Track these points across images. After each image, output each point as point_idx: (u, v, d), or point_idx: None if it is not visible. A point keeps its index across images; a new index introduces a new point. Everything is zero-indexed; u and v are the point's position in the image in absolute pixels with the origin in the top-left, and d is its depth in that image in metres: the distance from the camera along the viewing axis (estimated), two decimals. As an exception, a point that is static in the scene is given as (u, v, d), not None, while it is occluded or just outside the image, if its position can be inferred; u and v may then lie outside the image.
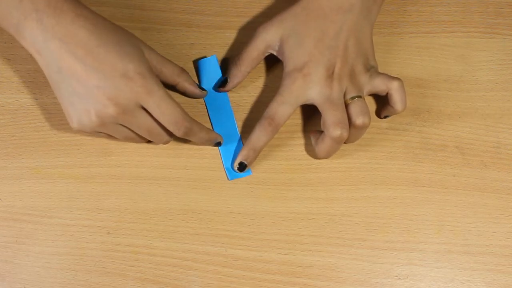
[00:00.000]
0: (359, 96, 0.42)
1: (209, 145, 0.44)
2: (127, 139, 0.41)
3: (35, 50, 0.38)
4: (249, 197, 0.44)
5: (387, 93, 0.43)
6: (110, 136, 0.41)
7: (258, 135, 0.43)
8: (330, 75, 0.41)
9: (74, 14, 0.37)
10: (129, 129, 0.40)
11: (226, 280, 0.42)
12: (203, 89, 0.45)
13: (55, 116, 0.45)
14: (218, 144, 0.44)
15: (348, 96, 0.42)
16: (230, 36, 0.48)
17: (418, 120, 0.46)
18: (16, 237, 0.43)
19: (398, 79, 0.43)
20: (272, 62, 0.47)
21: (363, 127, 0.42)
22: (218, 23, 0.48)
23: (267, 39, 0.44)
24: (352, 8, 0.42)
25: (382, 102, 0.45)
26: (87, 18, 0.38)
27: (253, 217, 0.44)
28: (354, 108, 0.41)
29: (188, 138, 0.41)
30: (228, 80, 0.45)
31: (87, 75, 0.37)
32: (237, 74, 0.45)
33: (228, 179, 0.44)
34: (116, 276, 0.42)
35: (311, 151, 0.45)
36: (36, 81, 0.46)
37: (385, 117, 0.45)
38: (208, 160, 0.45)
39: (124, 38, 0.39)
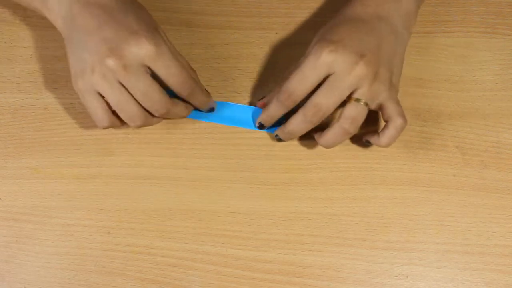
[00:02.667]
0: (366, 104, 0.40)
1: (204, 109, 0.44)
2: (119, 104, 0.38)
3: (58, 14, 0.39)
4: (249, 197, 0.44)
5: (385, 120, 0.41)
6: (102, 105, 0.39)
7: (274, 108, 0.42)
8: (356, 60, 0.39)
9: None
10: (126, 90, 0.38)
11: (226, 280, 0.42)
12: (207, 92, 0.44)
13: (55, 116, 0.45)
14: (211, 109, 0.44)
15: (356, 96, 0.39)
16: (230, 36, 0.48)
17: (418, 120, 0.46)
18: (16, 237, 0.43)
19: (405, 119, 0.41)
20: (273, 62, 0.47)
21: (346, 134, 0.40)
22: (218, 23, 0.48)
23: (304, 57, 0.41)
24: (388, 20, 0.41)
25: (370, 125, 0.45)
26: None
27: (253, 217, 0.44)
28: (352, 111, 0.40)
29: (190, 99, 0.41)
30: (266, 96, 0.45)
31: (99, 28, 0.37)
32: (277, 107, 0.42)
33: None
34: (116, 276, 0.42)
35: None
36: (36, 81, 0.46)
37: (366, 142, 0.43)
38: (208, 160, 0.45)
39: (145, 12, 0.40)
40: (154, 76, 0.39)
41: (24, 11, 0.48)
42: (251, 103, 0.46)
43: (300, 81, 0.39)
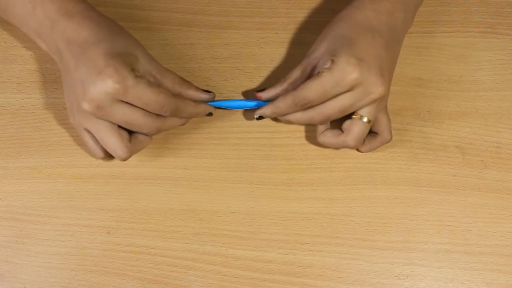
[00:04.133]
0: (369, 121, 0.41)
1: (201, 116, 0.43)
2: (102, 139, 0.40)
3: (51, 51, 0.41)
4: (249, 197, 0.44)
5: (373, 132, 0.44)
6: (93, 139, 0.41)
7: (285, 107, 0.42)
8: (377, 85, 0.40)
9: (81, 16, 0.40)
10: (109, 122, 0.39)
11: (226, 280, 0.42)
12: (209, 91, 0.43)
13: (55, 116, 0.45)
14: (210, 114, 0.43)
15: (363, 113, 0.41)
16: (230, 36, 0.48)
17: (418, 120, 0.46)
18: (17, 236, 0.43)
19: (392, 135, 0.43)
20: (273, 62, 0.47)
21: (346, 146, 0.42)
22: (218, 23, 0.48)
23: (313, 57, 0.42)
24: (394, 29, 0.42)
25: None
26: (92, 20, 0.40)
27: (253, 217, 0.44)
28: (359, 130, 0.41)
29: (177, 116, 0.41)
30: (267, 88, 0.44)
31: (76, 69, 0.38)
32: (276, 88, 0.43)
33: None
34: (116, 276, 0.42)
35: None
36: (36, 81, 0.46)
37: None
38: (208, 160, 0.45)
39: (121, 39, 0.40)
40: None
41: (24, 11, 0.48)
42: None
43: (321, 95, 0.40)
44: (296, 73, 0.43)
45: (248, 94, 0.47)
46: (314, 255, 0.43)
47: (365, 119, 0.41)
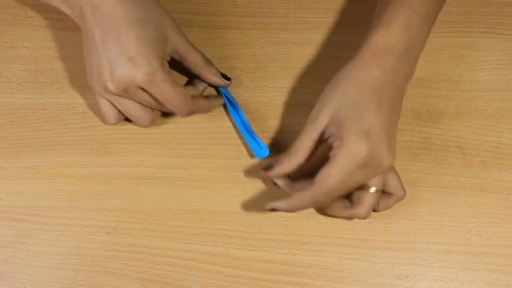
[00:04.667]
0: (377, 191, 0.40)
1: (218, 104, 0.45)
2: (126, 112, 0.42)
3: (74, 15, 0.40)
4: (249, 197, 0.44)
5: (388, 192, 0.42)
6: (110, 107, 0.42)
7: (304, 203, 0.39)
8: (386, 159, 0.38)
9: None
10: (131, 100, 0.41)
11: (226, 280, 0.42)
12: (227, 77, 0.45)
13: (55, 116, 0.45)
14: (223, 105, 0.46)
15: (372, 184, 0.39)
16: (230, 36, 0.48)
17: (418, 120, 0.46)
18: (17, 237, 0.43)
19: (405, 190, 0.42)
20: (273, 62, 0.47)
21: (356, 218, 0.41)
22: (218, 23, 0.48)
23: (318, 126, 0.38)
24: (399, 87, 0.39)
25: None
26: None
27: (253, 217, 0.44)
28: (370, 200, 0.39)
29: (192, 114, 0.43)
30: (275, 165, 0.40)
31: (103, 44, 0.38)
32: (285, 163, 0.39)
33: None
34: (116, 276, 0.42)
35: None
36: (36, 81, 0.46)
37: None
38: (208, 160, 0.45)
39: (152, 18, 0.39)
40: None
41: (24, 11, 0.48)
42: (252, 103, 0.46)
43: (343, 181, 0.37)
44: (306, 144, 0.38)
45: (249, 92, 0.47)
46: (314, 255, 0.43)
47: (373, 189, 0.39)
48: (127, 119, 0.43)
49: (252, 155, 0.45)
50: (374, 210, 0.42)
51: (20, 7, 0.48)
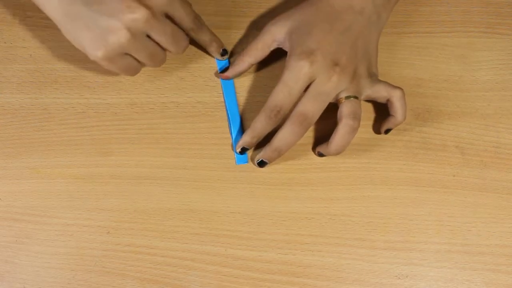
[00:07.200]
0: (356, 97, 0.41)
1: (215, 51, 0.46)
2: (151, 56, 0.41)
3: None
4: (249, 197, 0.44)
5: (387, 101, 0.43)
6: (133, 62, 0.41)
7: (262, 125, 0.42)
8: (333, 67, 0.41)
9: None
10: (153, 40, 0.40)
11: (226, 280, 0.42)
12: (225, 52, 0.47)
13: (55, 116, 0.45)
14: (224, 51, 0.47)
15: (344, 95, 0.41)
16: (230, 36, 0.48)
17: (418, 120, 0.46)
18: (16, 237, 0.43)
19: (400, 88, 0.43)
20: (272, 62, 0.47)
21: (353, 130, 0.41)
22: (218, 23, 0.48)
23: (273, 32, 0.43)
24: (362, 11, 0.42)
25: (380, 118, 0.45)
26: None
27: (253, 217, 0.44)
28: (347, 108, 0.41)
29: (200, 33, 0.44)
30: (230, 67, 0.46)
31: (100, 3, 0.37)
32: (238, 63, 0.45)
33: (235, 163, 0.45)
34: (116, 276, 0.42)
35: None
36: (36, 81, 0.46)
37: (387, 131, 0.44)
38: (208, 160, 0.45)
39: None
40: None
41: (24, 11, 0.48)
42: (247, 99, 0.46)
43: (286, 95, 0.41)
44: (259, 45, 0.44)
45: (249, 91, 0.47)
46: (314, 255, 0.43)
47: (351, 98, 0.41)
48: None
49: (251, 155, 0.45)
50: (378, 132, 0.45)
51: (19, 7, 0.48)
